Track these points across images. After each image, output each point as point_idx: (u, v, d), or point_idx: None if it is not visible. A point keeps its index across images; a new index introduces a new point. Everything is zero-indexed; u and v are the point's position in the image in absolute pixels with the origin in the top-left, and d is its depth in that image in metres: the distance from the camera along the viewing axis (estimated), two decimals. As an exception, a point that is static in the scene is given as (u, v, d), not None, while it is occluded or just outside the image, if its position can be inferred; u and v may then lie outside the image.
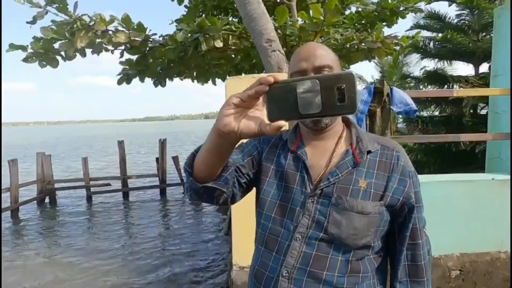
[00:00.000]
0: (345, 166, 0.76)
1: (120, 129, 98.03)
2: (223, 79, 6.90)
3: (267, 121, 0.54)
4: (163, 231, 6.98)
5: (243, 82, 1.73)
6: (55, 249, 6.14)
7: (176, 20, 5.99)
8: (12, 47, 3.83)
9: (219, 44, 4.18)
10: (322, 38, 5.08)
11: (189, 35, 4.04)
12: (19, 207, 8.23)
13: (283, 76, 0.62)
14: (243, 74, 7.20)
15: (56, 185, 9.56)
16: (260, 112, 0.56)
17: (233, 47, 4.78)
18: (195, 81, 6.56)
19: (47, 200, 9.28)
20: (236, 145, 0.70)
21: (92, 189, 9.54)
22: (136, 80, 5.53)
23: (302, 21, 4.66)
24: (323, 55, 0.76)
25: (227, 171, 0.74)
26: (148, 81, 5.86)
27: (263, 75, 1.72)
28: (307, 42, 5.07)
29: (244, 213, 1.81)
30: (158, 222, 7.67)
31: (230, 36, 4.38)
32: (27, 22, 3.21)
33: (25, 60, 3.97)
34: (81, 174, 9.62)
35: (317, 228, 0.74)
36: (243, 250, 1.79)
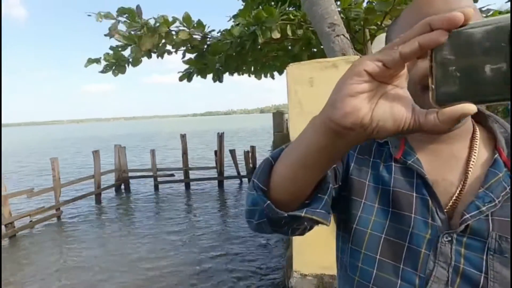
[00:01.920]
0: (501, 186, 0.47)
1: (182, 124, 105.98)
2: (281, 72, 6.74)
3: (416, 107, 0.32)
4: (221, 222, 7.24)
5: (306, 69, 1.54)
6: (130, 228, 7.00)
7: (234, 16, 6.03)
8: (89, 61, 4.38)
9: (276, 35, 4.03)
10: (392, 19, 4.53)
11: (246, 28, 3.98)
12: (101, 192, 9.43)
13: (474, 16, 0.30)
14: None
15: (130, 174, 10.69)
16: (403, 91, 0.33)
17: (291, 37, 4.58)
18: (252, 75, 6.53)
19: (122, 187, 10.46)
20: None
21: (159, 179, 10.42)
22: (198, 77, 5.75)
23: (367, 2, 4.20)
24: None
25: (325, 190, 0.48)
26: (208, 77, 6.04)
27: (332, 59, 1.51)
28: (374, 25, 4.56)
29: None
30: (216, 211, 7.99)
31: (288, 26, 4.19)
32: (105, 35, 3.53)
33: (102, 71, 4.51)
34: (150, 165, 10.59)
35: (466, 287, 0.46)
36: (305, 256, 1.63)
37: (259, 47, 4.91)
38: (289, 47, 5.59)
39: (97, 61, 4.35)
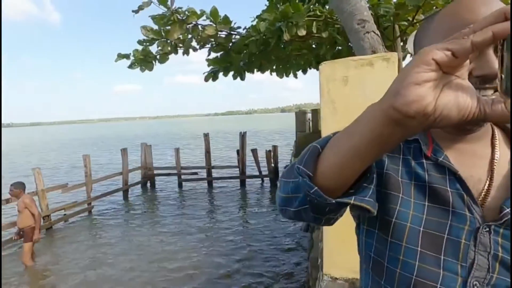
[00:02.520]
0: None
1: (204, 123, 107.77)
2: (304, 71, 6.65)
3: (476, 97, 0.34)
4: (243, 220, 7.27)
5: (340, 67, 1.49)
6: (154, 224, 7.23)
7: (258, 17, 6.03)
8: (120, 56, 4.55)
9: (302, 32, 3.96)
10: (425, 14, 4.32)
11: (271, 25, 3.95)
12: (128, 188, 9.81)
13: None
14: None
15: (155, 172, 11.03)
16: (465, 81, 0.35)
17: (316, 35, 4.50)
18: (274, 73, 6.50)
19: (148, 183, 10.81)
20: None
21: (183, 177, 10.66)
22: (220, 77, 5.81)
23: (398, -4, 4.02)
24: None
25: (370, 180, 0.49)
26: (229, 76, 6.08)
27: (368, 56, 1.45)
28: (405, 21, 4.37)
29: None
30: (238, 210, 8.04)
31: (314, 23, 4.11)
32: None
33: (130, 67, 4.67)
34: (174, 163, 10.87)
35: (505, 273, 0.50)
36: (336, 260, 1.58)
37: (283, 45, 4.86)
38: (313, 46, 5.50)
39: (127, 56, 4.51)
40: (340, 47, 5.04)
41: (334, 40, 4.49)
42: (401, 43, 4.57)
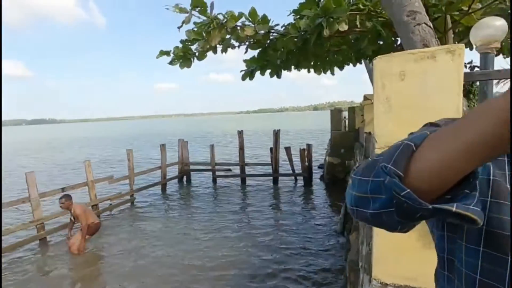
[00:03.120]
0: None
1: (236, 121, 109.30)
2: (342, 68, 6.44)
3: None
4: (276, 219, 7.26)
5: (397, 61, 1.41)
6: (191, 217, 7.48)
7: (294, 11, 5.93)
8: (161, 53, 4.75)
9: (343, 27, 3.82)
10: (482, 3, 3.94)
11: (311, 21, 3.86)
12: (166, 182, 10.28)
13: None
14: (365, 60, 6.50)
15: (191, 167, 11.43)
16: None
17: (358, 29, 4.32)
18: (312, 70, 6.37)
19: (184, 178, 11.24)
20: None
21: (217, 173, 10.92)
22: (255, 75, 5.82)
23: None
24: None
25: (472, 186, 0.44)
26: (263, 74, 6.07)
27: (430, 49, 1.35)
28: (458, 11, 4.02)
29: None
30: (271, 208, 8.04)
31: (357, 16, 3.94)
32: (178, 27, 3.78)
33: (170, 63, 4.86)
34: (209, 159, 11.16)
35: None
36: (387, 264, 1.51)
37: (322, 41, 4.74)
38: (353, 41, 5.30)
39: (167, 53, 4.71)
40: (381, 42, 4.80)
41: (377, 33, 4.27)
42: (453, 35, 4.23)
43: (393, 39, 4.65)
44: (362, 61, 6.60)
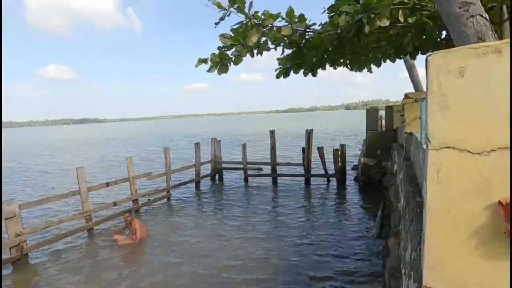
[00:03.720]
0: None
1: (266, 120, 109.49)
2: (379, 65, 6.18)
3: None
4: (307, 221, 7.16)
5: (455, 57, 1.32)
6: (221, 214, 7.67)
7: (329, 8, 5.80)
8: (200, 61, 4.91)
9: (384, 23, 3.67)
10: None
11: (351, 17, 3.75)
12: (200, 179, 10.60)
13: None
14: (408, 55, 6.18)
15: (223, 165, 11.67)
16: None
17: (399, 24, 4.11)
18: (343, 68, 6.20)
19: (216, 176, 11.50)
20: None
21: (248, 172, 11.03)
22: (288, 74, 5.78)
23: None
24: None
25: None
26: (293, 74, 6.01)
27: (494, 43, 1.25)
28: (517, 0, 3.67)
29: (444, 216, 1.44)
30: (302, 209, 7.95)
31: (400, 11, 3.76)
32: (215, 24, 3.86)
33: (208, 70, 5.01)
34: (238, 158, 11.31)
35: None
36: (441, 272, 1.42)
37: (359, 38, 4.60)
38: (393, 37, 5.05)
39: (205, 61, 4.87)
40: (423, 36, 4.53)
41: (422, 27, 4.03)
42: (509, 27, 3.86)
43: (439, 32, 4.36)
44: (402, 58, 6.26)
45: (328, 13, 5.39)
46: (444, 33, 4.65)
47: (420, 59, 6.61)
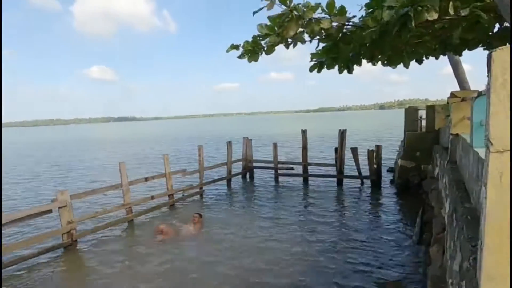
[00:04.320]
0: None
1: (295, 120, 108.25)
2: (420, 61, 5.83)
3: None
4: (340, 224, 6.96)
5: (527, 52, 1.20)
6: (252, 212, 7.73)
7: (367, 5, 5.57)
8: (232, 47, 4.95)
9: (432, 16, 3.44)
10: None
11: (395, 11, 3.56)
12: (231, 177, 10.78)
13: None
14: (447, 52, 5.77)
15: (254, 164, 11.74)
16: None
17: (448, 17, 3.83)
18: (383, 64, 5.91)
19: (247, 175, 11.61)
20: None
21: (279, 171, 10.99)
22: (313, 73, 5.65)
23: None
24: None
25: None
26: (324, 72, 5.86)
27: None
28: None
29: (506, 223, 1.33)
30: (334, 211, 7.75)
31: (450, 3, 3.50)
32: (253, 12, 3.86)
33: (239, 57, 5.05)
34: (267, 157, 11.30)
35: None
36: (504, 279, 1.31)
37: (403, 33, 4.36)
38: (438, 31, 4.73)
39: (237, 47, 4.90)
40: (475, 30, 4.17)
41: (475, 20, 3.72)
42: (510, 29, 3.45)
43: (494, 25, 4.00)
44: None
45: (365, 9, 5.18)
46: (497, 25, 4.26)
47: (465, 55, 6.13)
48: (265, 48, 4.74)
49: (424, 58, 5.75)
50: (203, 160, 9.46)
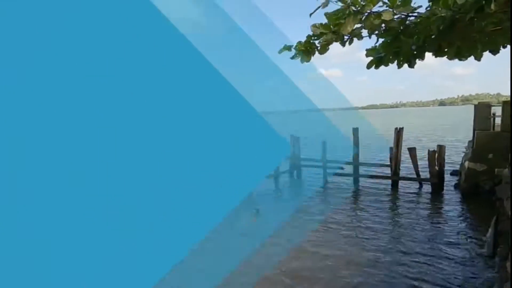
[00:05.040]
0: None
1: (344, 117, 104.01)
2: (495, 52, 5.15)
3: None
4: (395, 232, 6.49)
5: None
6: (302, 213, 7.55)
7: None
8: (284, 48, 4.95)
9: (518, -4, 3.01)
10: None
11: (470, -4, 3.20)
12: (278, 176, 10.81)
13: None
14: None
15: (302, 163, 11.60)
16: None
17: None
18: (449, 57, 5.34)
19: (295, 173, 11.51)
20: None
21: (328, 170, 10.67)
22: (363, 69, 5.37)
23: None
24: None
25: None
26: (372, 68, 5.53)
27: None
28: None
29: None
30: (387, 215, 7.27)
31: (543, -20, 3.01)
32: (310, 14, 3.81)
33: (292, 58, 5.03)
34: (314, 156, 11.06)
35: None
36: None
37: (477, 20, 3.90)
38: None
39: (289, 48, 4.90)
40: None
41: None
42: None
43: None
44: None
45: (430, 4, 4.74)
46: None
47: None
48: (319, 48, 4.66)
49: (502, 48, 5.10)
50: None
